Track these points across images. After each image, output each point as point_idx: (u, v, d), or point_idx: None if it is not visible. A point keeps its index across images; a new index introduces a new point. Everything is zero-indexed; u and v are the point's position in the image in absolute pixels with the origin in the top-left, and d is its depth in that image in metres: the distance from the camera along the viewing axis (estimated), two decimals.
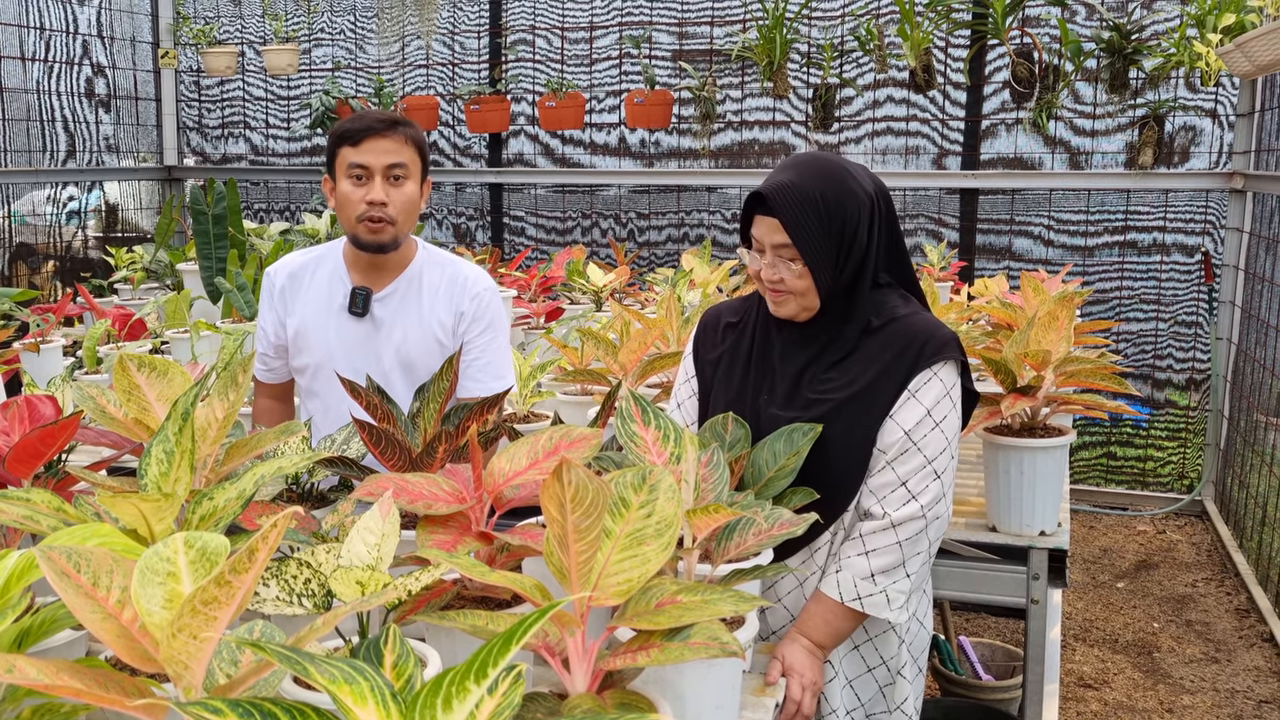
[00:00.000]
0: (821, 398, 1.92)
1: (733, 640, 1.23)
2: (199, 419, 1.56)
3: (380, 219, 2.37)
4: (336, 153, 2.41)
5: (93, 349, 3.50)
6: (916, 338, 1.90)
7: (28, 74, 6.21)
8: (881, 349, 1.91)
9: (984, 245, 5.76)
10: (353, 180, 2.38)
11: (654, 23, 6.15)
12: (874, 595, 1.83)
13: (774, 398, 1.96)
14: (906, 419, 1.88)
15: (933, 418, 1.88)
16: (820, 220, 1.87)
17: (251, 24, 6.99)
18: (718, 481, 1.66)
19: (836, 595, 1.85)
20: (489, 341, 2.52)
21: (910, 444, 1.87)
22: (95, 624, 1.03)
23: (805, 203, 1.87)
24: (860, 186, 1.91)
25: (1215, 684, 3.78)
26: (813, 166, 1.92)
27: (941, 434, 1.88)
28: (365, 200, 2.36)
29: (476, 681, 0.86)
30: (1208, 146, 5.41)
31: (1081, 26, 5.38)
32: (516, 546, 1.47)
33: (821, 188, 1.88)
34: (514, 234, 6.66)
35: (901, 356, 1.89)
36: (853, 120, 5.89)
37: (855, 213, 1.89)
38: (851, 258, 1.90)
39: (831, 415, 1.89)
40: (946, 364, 1.90)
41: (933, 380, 1.89)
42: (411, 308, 2.49)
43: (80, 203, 6.75)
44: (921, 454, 1.87)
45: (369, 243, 2.41)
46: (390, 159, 2.37)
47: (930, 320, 1.96)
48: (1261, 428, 4.68)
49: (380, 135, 2.36)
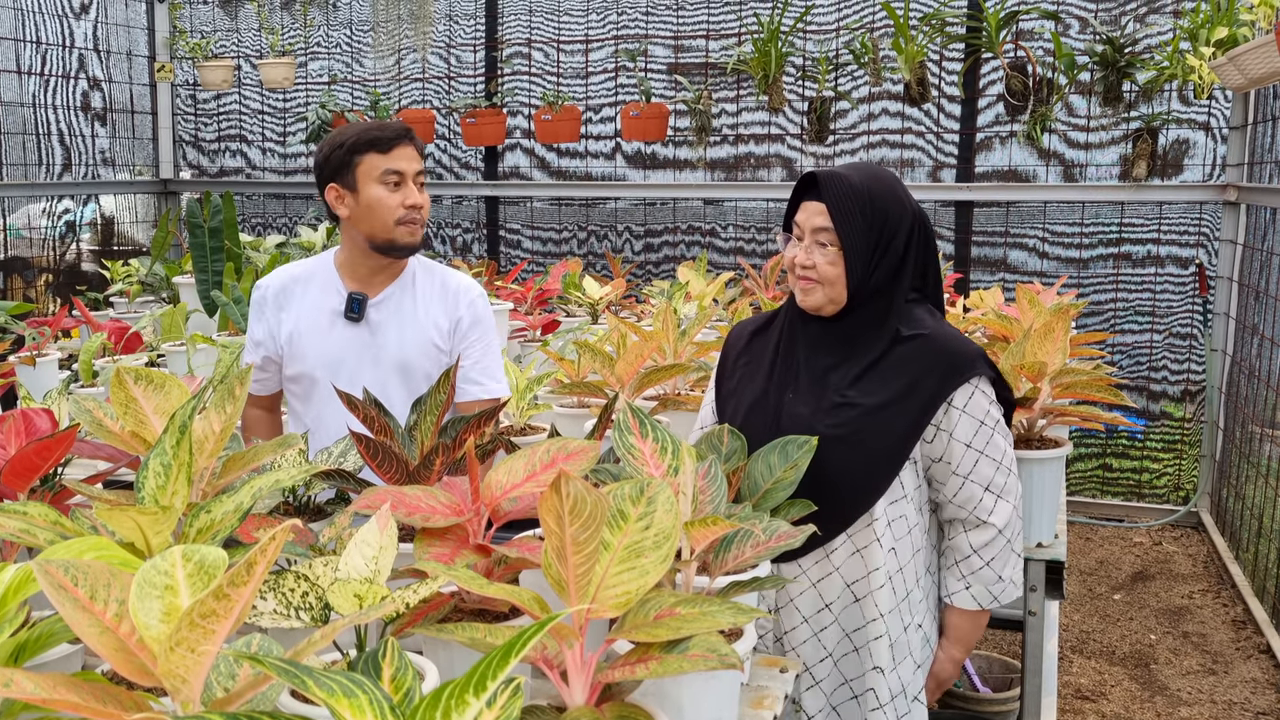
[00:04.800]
0: (848, 402, 1.95)
1: (731, 652, 1.23)
2: (196, 432, 1.56)
3: (419, 221, 2.48)
4: (358, 160, 2.44)
5: (89, 362, 3.49)
6: (946, 354, 1.97)
7: (24, 88, 6.21)
8: (910, 361, 1.96)
9: (979, 258, 5.77)
10: (388, 186, 2.44)
11: (649, 36, 6.17)
12: (1005, 588, 2.03)
13: (799, 396, 1.99)
14: (963, 433, 1.97)
15: (987, 425, 1.98)
16: (863, 212, 1.95)
17: (247, 38, 7.01)
18: (715, 494, 1.66)
19: (976, 606, 2.04)
20: (485, 346, 2.59)
21: (978, 454, 1.97)
22: (92, 638, 1.03)
23: (852, 192, 1.96)
24: (908, 200, 2.01)
25: (1212, 696, 3.77)
26: (867, 168, 2.03)
27: (1000, 436, 1.99)
28: (404, 204, 2.45)
29: (475, 694, 0.86)
30: (1201, 159, 5.44)
31: (1075, 40, 5.40)
32: (514, 559, 1.47)
33: (870, 185, 1.98)
34: (510, 247, 6.66)
35: (933, 371, 1.96)
36: (848, 133, 5.91)
37: (898, 218, 1.98)
38: (886, 259, 1.97)
39: (857, 420, 1.93)
40: (981, 377, 1.99)
41: (975, 394, 1.97)
42: (407, 312, 2.53)
43: (76, 216, 6.75)
44: (991, 459, 1.98)
45: (406, 245, 2.49)
46: (417, 165, 2.49)
47: (956, 335, 2.03)
48: (1256, 439, 4.69)
49: (408, 143, 2.48)
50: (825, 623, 2.00)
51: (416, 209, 2.46)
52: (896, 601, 1.98)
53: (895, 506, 1.97)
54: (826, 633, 2.00)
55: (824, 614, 2.00)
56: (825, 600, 1.99)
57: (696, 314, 3.36)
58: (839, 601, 1.99)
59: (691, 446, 1.65)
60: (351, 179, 2.44)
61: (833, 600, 1.99)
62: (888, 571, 1.96)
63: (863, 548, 1.96)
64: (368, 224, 2.45)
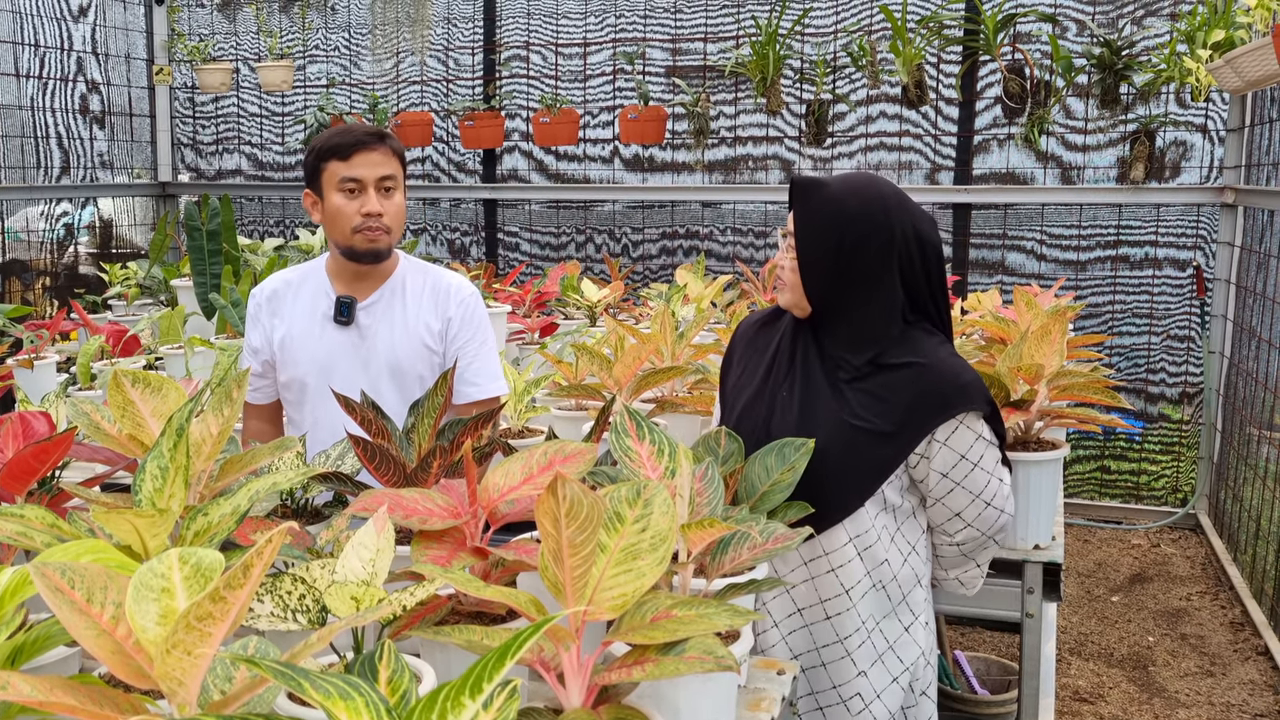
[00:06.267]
0: (835, 415, 1.94)
1: (728, 654, 1.23)
2: (194, 435, 1.56)
3: (378, 229, 2.44)
4: (322, 167, 2.44)
5: (87, 365, 3.49)
6: (937, 387, 1.93)
7: (22, 90, 6.21)
8: (901, 389, 1.93)
9: (977, 260, 5.78)
10: (345, 194, 2.42)
11: (647, 39, 6.18)
12: (950, 583, 2.15)
13: (791, 396, 1.99)
14: (942, 464, 1.96)
15: (969, 460, 1.96)
16: (826, 225, 1.93)
17: (246, 41, 7.01)
18: (712, 496, 1.67)
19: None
20: (480, 345, 2.57)
21: (954, 484, 1.97)
22: (89, 640, 1.03)
23: (820, 203, 1.94)
24: (891, 218, 1.93)
25: (1210, 698, 3.78)
26: (854, 182, 1.98)
27: (982, 470, 1.97)
28: (361, 212, 2.42)
29: (471, 696, 0.86)
30: (1198, 161, 5.44)
31: (1072, 42, 5.41)
32: (511, 561, 1.47)
33: (843, 200, 1.94)
34: (508, 249, 6.66)
35: (922, 404, 1.93)
36: (846, 136, 5.91)
37: (863, 236, 1.92)
38: (848, 276, 1.93)
39: (840, 433, 1.93)
40: (969, 413, 1.95)
41: (960, 429, 1.94)
42: (397, 314, 2.53)
43: (74, 219, 6.74)
44: (968, 491, 1.97)
45: (366, 252, 2.46)
46: (381, 171, 2.43)
47: (956, 368, 1.97)
48: (1254, 441, 4.69)
49: (369, 149, 2.42)
50: (794, 627, 2.00)
51: (373, 216, 2.42)
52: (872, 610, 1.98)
53: (878, 519, 1.97)
54: (795, 636, 2.01)
55: (794, 618, 2.00)
56: (797, 605, 2.00)
57: (694, 317, 3.36)
58: (811, 610, 1.99)
59: (689, 449, 1.65)
60: (319, 185, 2.46)
61: (805, 606, 1.99)
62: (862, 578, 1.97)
63: (831, 551, 1.97)
64: (332, 231, 2.47)
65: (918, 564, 2.04)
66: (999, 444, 2.01)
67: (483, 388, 2.55)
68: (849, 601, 1.96)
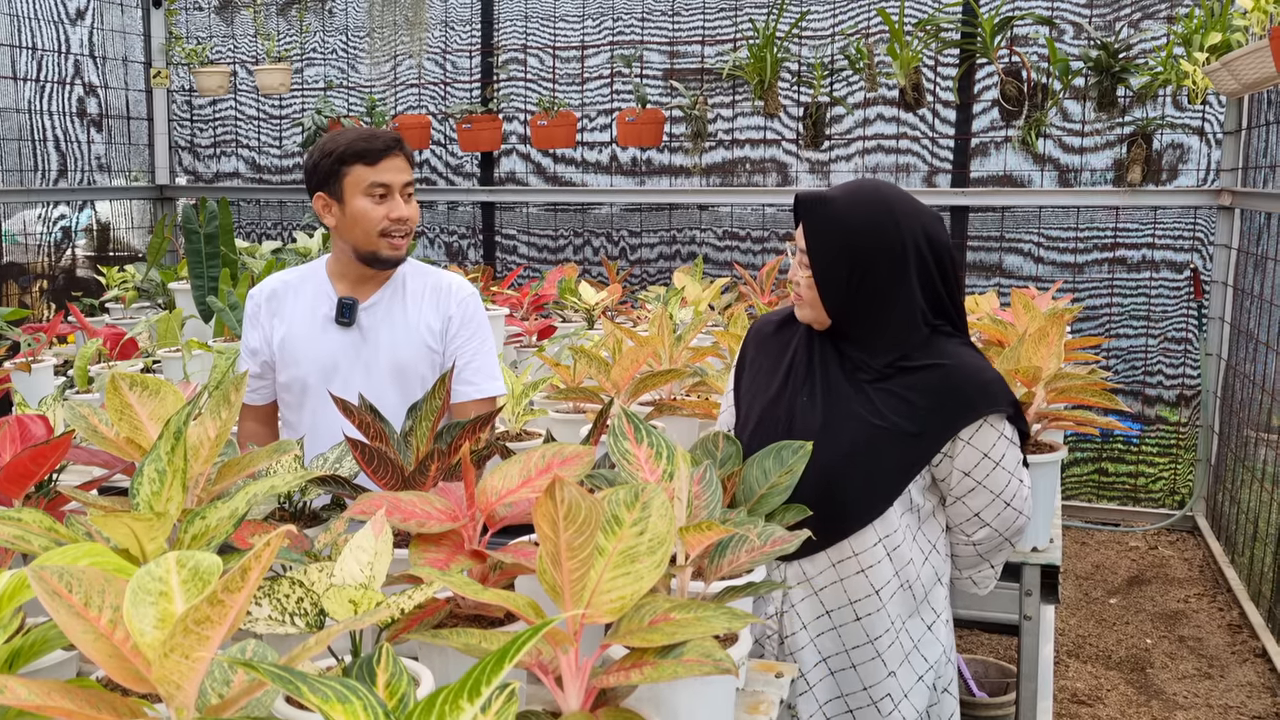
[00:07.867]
0: (858, 418, 1.95)
1: (726, 657, 1.23)
2: (191, 438, 1.56)
3: (404, 233, 2.47)
4: (345, 171, 2.43)
5: (84, 368, 3.49)
6: (962, 387, 1.95)
7: (19, 93, 6.21)
8: (923, 390, 1.95)
9: (974, 262, 5.78)
10: (373, 198, 2.43)
11: (645, 42, 6.18)
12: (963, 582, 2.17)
13: (812, 401, 1.99)
14: (965, 462, 1.97)
15: (991, 458, 1.97)
16: (837, 242, 1.94)
17: (243, 44, 7.01)
18: (710, 499, 1.67)
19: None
20: (479, 345, 2.58)
21: (975, 483, 1.98)
22: (87, 644, 1.03)
23: (827, 220, 1.95)
24: (901, 228, 1.94)
25: (1209, 700, 3.78)
26: (857, 193, 1.98)
27: (1004, 470, 1.98)
28: (390, 217, 2.43)
29: (470, 700, 0.86)
30: (1195, 164, 5.45)
31: (1069, 45, 5.42)
32: (509, 564, 1.47)
33: (852, 211, 1.95)
34: (506, 252, 6.66)
35: (947, 405, 1.94)
36: (843, 138, 5.92)
37: (873, 250, 1.93)
38: (865, 288, 1.94)
39: (865, 435, 1.93)
40: (994, 414, 1.96)
41: (984, 428, 1.96)
42: (398, 314, 2.53)
43: (72, 222, 6.74)
44: (989, 491, 1.98)
45: (390, 258, 2.48)
46: (406, 176, 2.47)
47: (980, 369, 1.99)
48: (1252, 443, 4.69)
49: (395, 154, 2.45)
50: (823, 629, 2.00)
51: (402, 222, 2.45)
52: (900, 610, 1.99)
53: (903, 518, 1.98)
54: (824, 639, 2.00)
55: (823, 620, 2.00)
56: (826, 607, 2.00)
57: (692, 319, 3.37)
58: (840, 611, 1.99)
59: (687, 452, 1.65)
60: (338, 189, 2.44)
61: (834, 608, 1.99)
62: (891, 579, 1.97)
63: (860, 552, 1.97)
64: (352, 235, 2.46)
65: (938, 562, 2.05)
66: (1021, 443, 2.04)
67: (480, 387, 2.55)
68: (879, 602, 1.97)
